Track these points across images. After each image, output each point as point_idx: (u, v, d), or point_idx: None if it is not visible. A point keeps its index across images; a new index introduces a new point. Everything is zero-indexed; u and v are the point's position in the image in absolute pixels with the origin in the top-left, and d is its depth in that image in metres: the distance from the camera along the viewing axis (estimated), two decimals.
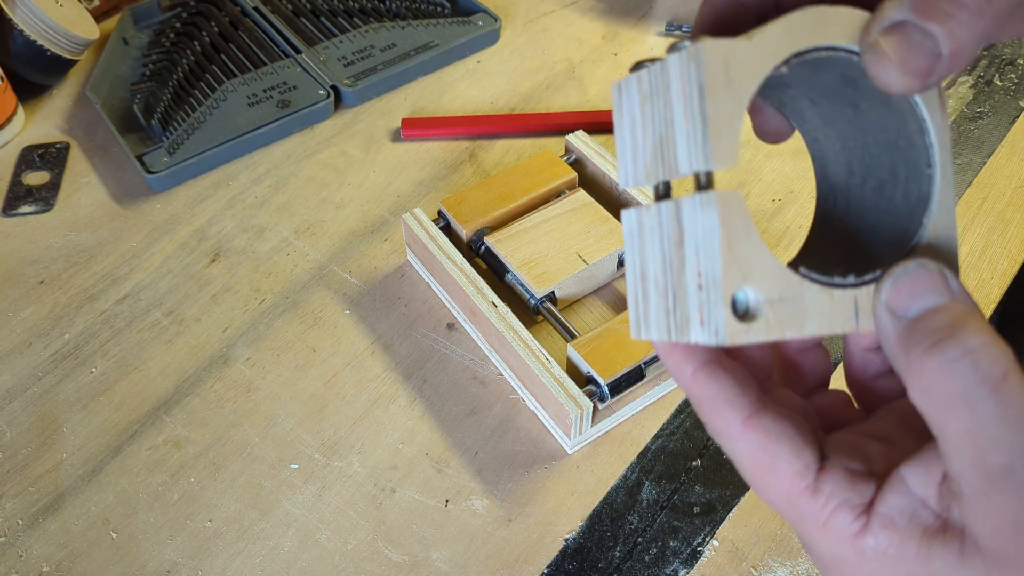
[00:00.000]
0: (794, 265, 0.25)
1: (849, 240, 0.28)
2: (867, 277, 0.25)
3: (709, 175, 0.24)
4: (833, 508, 0.25)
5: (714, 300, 0.24)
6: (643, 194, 0.57)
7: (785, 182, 0.64)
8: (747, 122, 0.29)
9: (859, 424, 0.28)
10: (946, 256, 0.27)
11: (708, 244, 0.24)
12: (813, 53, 0.24)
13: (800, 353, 0.30)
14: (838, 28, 0.25)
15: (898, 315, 0.24)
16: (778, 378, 0.30)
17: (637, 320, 0.27)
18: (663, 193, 0.26)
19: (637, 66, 0.26)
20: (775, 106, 0.30)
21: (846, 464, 0.25)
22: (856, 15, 0.25)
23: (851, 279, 0.25)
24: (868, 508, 0.24)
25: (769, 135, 0.31)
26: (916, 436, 0.26)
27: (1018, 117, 0.68)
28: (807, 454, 0.25)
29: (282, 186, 0.66)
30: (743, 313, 0.24)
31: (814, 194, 0.34)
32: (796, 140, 0.33)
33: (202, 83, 0.71)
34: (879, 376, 0.29)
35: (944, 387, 0.22)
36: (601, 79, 0.74)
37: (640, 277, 0.27)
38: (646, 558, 0.45)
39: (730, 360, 0.27)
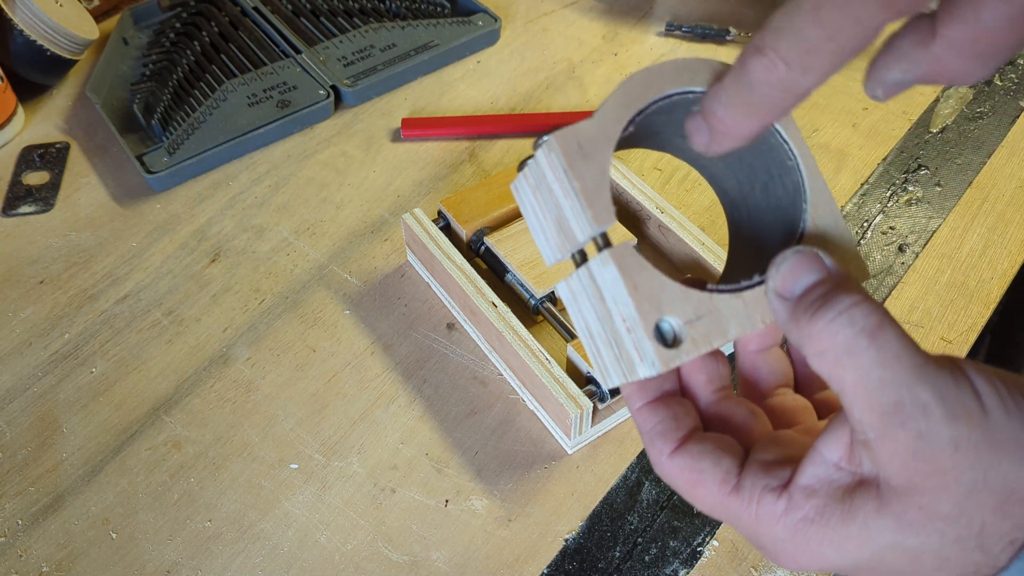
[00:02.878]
0: (725, 279, 0.28)
1: (757, 244, 0.32)
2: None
3: (603, 236, 0.28)
4: (757, 498, 0.27)
5: (641, 337, 0.27)
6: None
7: None
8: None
9: (802, 426, 0.30)
10: (838, 239, 0.30)
11: (618, 292, 0.27)
12: (651, 107, 0.28)
13: (758, 356, 0.32)
14: (660, 81, 0.29)
15: (786, 297, 0.26)
16: (742, 387, 0.32)
17: (600, 373, 0.30)
18: (580, 261, 0.29)
19: (522, 165, 0.30)
20: (658, 150, 0.33)
21: (761, 457, 0.28)
22: (666, 66, 0.29)
23: (756, 278, 0.28)
24: (787, 485, 0.26)
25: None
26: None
27: (1018, 117, 0.68)
28: (726, 461, 0.28)
29: (282, 186, 0.66)
30: (671, 340, 0.27)
31: None
32: None
33: (202, 83, 0.71)
34: (822, 390, 0.32)
35: (831, 345, 0.24)
36: (601, 79, 0.74)
37: (589, 336, 0.29)
38: (646, 558, 0.45)
39: (674, 398, 0.30)
